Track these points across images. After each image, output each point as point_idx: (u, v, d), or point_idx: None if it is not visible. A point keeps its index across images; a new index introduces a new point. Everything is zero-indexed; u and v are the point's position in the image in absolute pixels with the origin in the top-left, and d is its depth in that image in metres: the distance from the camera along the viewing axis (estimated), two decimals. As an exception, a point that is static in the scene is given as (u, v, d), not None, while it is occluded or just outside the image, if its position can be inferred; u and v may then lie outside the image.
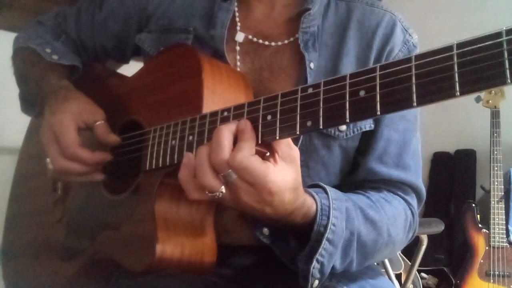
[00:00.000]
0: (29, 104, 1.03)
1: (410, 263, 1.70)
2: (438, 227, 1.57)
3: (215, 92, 0.69)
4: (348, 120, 0.49)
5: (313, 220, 0.64)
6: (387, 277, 1.64)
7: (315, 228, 0.64)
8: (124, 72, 0.98)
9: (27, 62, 0.96)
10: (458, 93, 0.41)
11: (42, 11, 1.05)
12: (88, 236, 0.82)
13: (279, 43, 0.83)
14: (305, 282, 0.66)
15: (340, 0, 0.87)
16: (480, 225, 2.26)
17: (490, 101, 2.30)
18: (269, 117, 0.56)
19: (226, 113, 0.60)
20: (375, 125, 0.81)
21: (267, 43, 0.83)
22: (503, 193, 2.22)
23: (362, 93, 0.48)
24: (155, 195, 0.69)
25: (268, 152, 0.58)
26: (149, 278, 0.73)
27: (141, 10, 0.92)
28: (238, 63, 0.82)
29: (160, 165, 0.68)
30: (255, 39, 0.83)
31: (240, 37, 0.83)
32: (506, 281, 2.14)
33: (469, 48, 0.41)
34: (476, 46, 0.41)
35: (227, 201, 0.59)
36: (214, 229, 0.73)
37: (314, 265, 0.65)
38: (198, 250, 0.71)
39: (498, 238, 2.19)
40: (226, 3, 0.85)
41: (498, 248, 2.19)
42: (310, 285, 0.66)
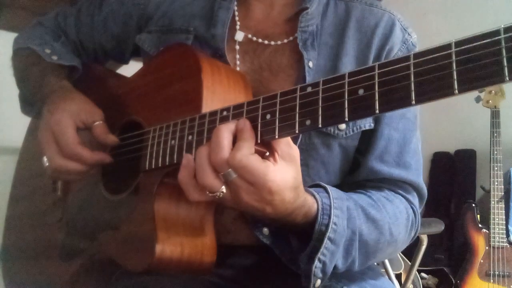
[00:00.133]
0: (29, 105, 1.03)
1: (410, 263, 1.70)
2: (438, 227, 1.56)
3: (215, 92, 0.69)
4: (347, 119, 0.49)
5: (314, 220, 0.64)
6: (387, 277, 1.64)
7: (317, 228, 0.64)
8: (124, 72, 0.98)
9: (27, 63, 0.96)
10: (457, 91, 0.41)
11: (42, 11, 1.05)
12: (88, 236, 0.82)
13: (279, 42, 0.83)
14: (307, 282, 0.66)
15: (339, 0, 0.87)
16: (480, 225, 2.26)
17: (490, 101, 2.30)
18: (268, 116, 0.56)
19: (225, 113, 0.60)
20: (375, 124, 0.81)
21: (267, 42, 0.83)
22: (503, 193, 2.22)
23: (361, 92, 0.48)
24: (155, 195, 0.69)
25: (268, 152, 0.58)
26: (149, 278, 0.73)
27: (141, 11, 0.92)
28: (238, 62, 0.82)
29: (160, 165, 0.68)
30: (255, 38, 0.83)
31: (240, 36, 0.83)
32: (506, 281, 2.14)
33: (467, 46, 0.41)
34: (474, 44, 0.41)
35: (228, 201, 0.59)
36: (214, 229, 0.73)
37: (316, 265, 0.64)
38: (198, 250, 0.70)
39: (498, 238, 2.19)
40: (226, 2, 0.85)
41: (498, 248, 2.18)
42: (312, 285, 0.66)
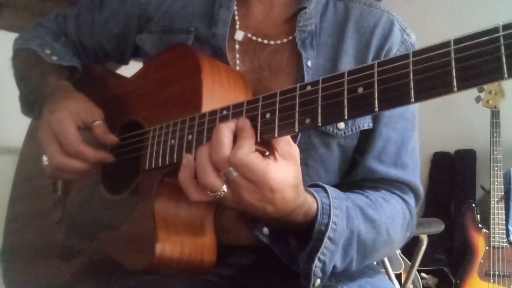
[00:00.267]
0: (29, 105, 1.03)
1: (410, 263, 1.70)
2: (438, 227, 1.57)
3: (215, 92, 0.69)
4: (347, 117, 0.49)
5: (314, 219, 0.64)
6: (387, 277, 1.64)
7: (316, 227, 0.64)
8: (124, 73, 0.98)
9: (27, 63, 0.96)
10: (456, 89, 0.41)
11: (42, 12, 1.05)
12: (88, 236, 0.82)
13: (278, 42, 0.83)
14: (307, 281, 0.66)
15: (339, 0, 0.87)
16: (480, 225, 2.25)
17: (490, 101, 2.30)
18: (268, 115, 0.56)
19: (225, 112, 0.60)
20: (374, 124, 0.81)
21: (266, 42, 0.83)
22: (503, 193, 2.22)
23: (360, 90, 0.48)
24: (155, 195, 0.69)
25: (268, 151, 0.58)
26: (149, 278, 0.73)
27: (141, 11, 0.93)
28: (238, 62, 0.82)
29: (160, 165, 0.68)
30: (254, 38, 0.84)
31: (240, 36, 0.83)
32: (506, 281, 2.14)
33: (467, 44, 0.41)
34: (473, 42, 0.41)
35: (229, 201, 0.59)
36: (214, 229, 0.73)
37: (316, 264, 0.64)
38: (198, 250, 0.70)
39: (498, 238, 2.19)
40: (227, 1, 0.85)
41: (498, 248, 2.18)
42: (312, 284, 0.66)
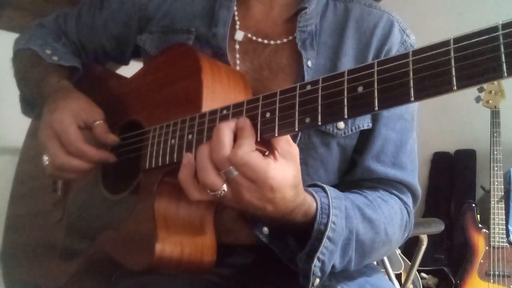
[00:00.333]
0: (30, 106, 1.03)
1: (410, 263, 1.69)
2: (438, 227, 1.57)
3: (215, 92, 0.69)
4: (347, 116, 0.49)
5: (313, 219, 0.64)
6: (387, 277, 1.64)
7: (316, 227, 0.64)
8: (124, 73, 0.98)
9: (28, 64, 0.96)
10: (455, 87, 0.42)
11: (43, 12, 1.05)
12: (88, 236, 0.82)
13: (278, 42, 0.83)
14: (306, 281, 0.66)
15: (339, 1, 0.87)
16: (480, 225, 2.25)
17: (490, 101, 2.30)
18: (268, 115, 0.56)
19: (225, 111, 0.60)
20: (373, 124, 0.81)
21: (266, 42, 0.83)
22: (503, 193, 2.22)
23: (360, 89, 0.48)
24: (155, 194, 0.69)
25: (267, 151, 0.58)
26: (149, 278, 0.73)
27: (142, 11, 0.93)
28: (238, 62, 0.82)
29: (160, 164, 0.68)
30: (254, 38, 0.84)
31: (240, 36, 0.84)
32: (506, 281, 2.14)
33: (466, 43, 0.41)
34: (473, 41, 0.41)
35: (229, 200, 0.59)
36: (214, 229, 0.73)
37: (315, 264, 0.64)
38: (198, 250, 0.70)
39: (498, 238, 2.19)
40: (227, 1, 0.85)
41: (498, 248, 2.18)
42: (311, 284, 0.66)
